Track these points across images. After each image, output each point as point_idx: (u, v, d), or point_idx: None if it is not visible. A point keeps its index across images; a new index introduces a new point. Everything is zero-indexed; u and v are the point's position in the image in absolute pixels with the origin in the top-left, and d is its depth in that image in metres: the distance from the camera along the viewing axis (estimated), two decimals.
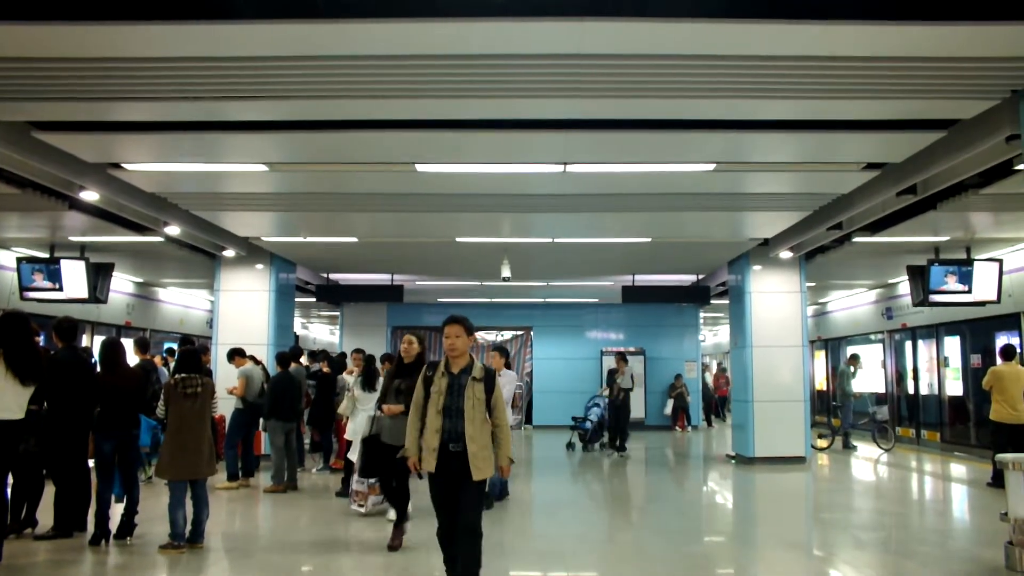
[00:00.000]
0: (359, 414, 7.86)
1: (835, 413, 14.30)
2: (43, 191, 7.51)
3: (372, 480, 6.97)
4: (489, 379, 4.29)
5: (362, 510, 7.14)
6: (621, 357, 13.20)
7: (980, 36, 4.11)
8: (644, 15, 3.96)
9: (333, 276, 14.62)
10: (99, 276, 10.58)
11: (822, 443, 13.22)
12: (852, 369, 13.95)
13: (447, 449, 4.17)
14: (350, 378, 9.01)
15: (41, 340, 6.61)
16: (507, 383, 7.29)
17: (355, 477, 7.30)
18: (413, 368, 5.55)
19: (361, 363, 8.75)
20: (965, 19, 3.97)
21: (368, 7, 3.93)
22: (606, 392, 13.59)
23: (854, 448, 13.27)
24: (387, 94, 4.93)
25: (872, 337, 15.87)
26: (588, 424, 13.35)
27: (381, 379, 8.97)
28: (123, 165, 6.74)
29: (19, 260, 10.27)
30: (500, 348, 8.05)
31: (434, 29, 4.09)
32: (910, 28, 4.05)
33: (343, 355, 12.05)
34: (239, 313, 11.47)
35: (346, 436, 8.36)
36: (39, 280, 10.18)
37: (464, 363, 4.31)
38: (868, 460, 12.30)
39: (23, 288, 10.16)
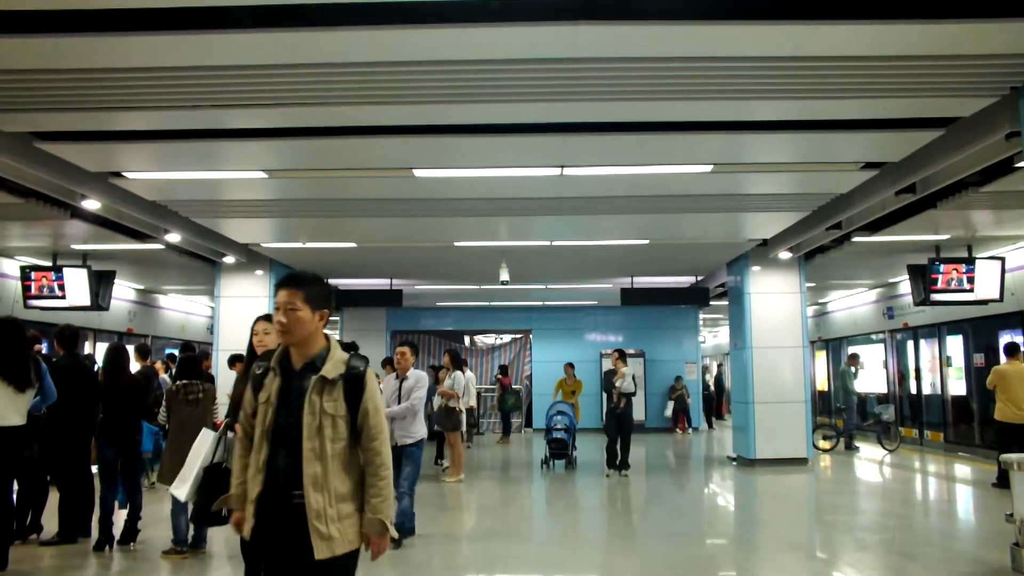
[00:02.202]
0: None
1: (839, 414, 14.26)
2: (45, 200, 7.54)
3: None
4: (352, 381, 2.55)
5: None
6: (620, 356, 10.72)
7: (978, 33, 4.12)
8: (638, 18, 3.97)
9: (332, 281, 14.61)
10: (101, 283, 10.61)
11: (825, 444, 13.19)
12: (853, 369, 13.92)
13: (285, 501, 2.46)
14: None
15: (44, 348, 6.63)
16: (418, 387, 6.38)
17: None
18: None
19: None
20: (962, 17, 3.98)
21: (364, 14, 3.95)
22: (560, 397, 12.21)
23: (857, 449, 13.24)
24: (384, 100, 4.94)
25: (873, 337, 15.85)
26: (563, 435, 11.05)
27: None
28: (124, 174, 6.77)
29: (23, 268, 10.29)
30: (409, 343, 6.71)
31: (429, 35, 4.10)
32: (906, 26, 4.05)
33: None
34: (240, 319, 11.44)
35: None
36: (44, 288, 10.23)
37: (311, 352, 2.59)
38: (871, 461, 12.28)
39: (27, 296, 10.19)
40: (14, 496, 5.75)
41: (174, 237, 9.19)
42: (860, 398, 13.93)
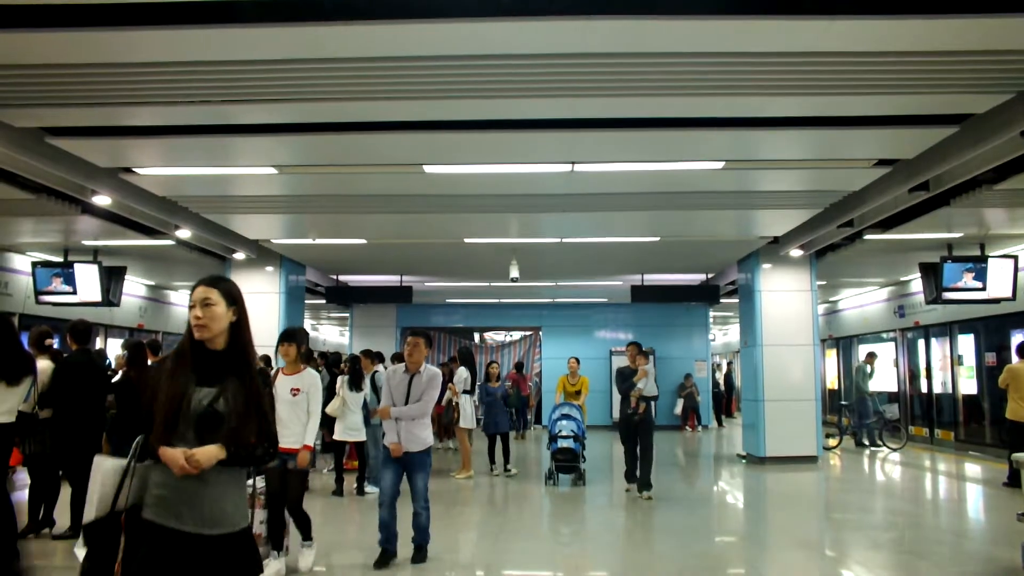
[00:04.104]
0: (348, 415, 8.27)
1: (843, 412, 14.19)
2: (57, 196, 7.59)
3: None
4: None
5: None
6: (638, 349, 8.63)
7: (993, 29, 4.07)
8: (649, 13, 3.95)
9: (342, 278, 14.67)
10: (112, 279, 10.67)
11: (831, 442, 13.15)
12: (869, 368, 13.84)
13: None
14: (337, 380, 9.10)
15: (55, 343, 6.68)
16: (431, 386, 5.51)
17: None
18: (228, 361, 2.68)
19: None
20: (977, 12, 3.94)
21: (374, 9, 3.95)
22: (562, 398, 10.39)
23: (869, 446, 13.18)
24: (394, 96, 4.94)
25: (884, 335, 15.77)
26: (571, 443, 9.14)
27: (367, 379, 8.62)
28: (134, 169, 6.80)
29: (34, 264, 10.36)
30: (423, 334, 5.77)
31: (440, 30, 4.09)
32: (920, 22, 4.01)
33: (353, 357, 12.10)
34: (249, 315, 11.49)
35: (335, 436, 8.65)
36: (55, 284, 10.31)
37: None
38: (881, 459, 12.22)
39: (38, 292, 10.27)
40: (27, 490, 5.79)
41: (184, 233, 9.23)
42: (871, 396, 13.83)
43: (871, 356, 14.13)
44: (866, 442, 13.36)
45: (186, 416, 2.51)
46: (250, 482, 5.23)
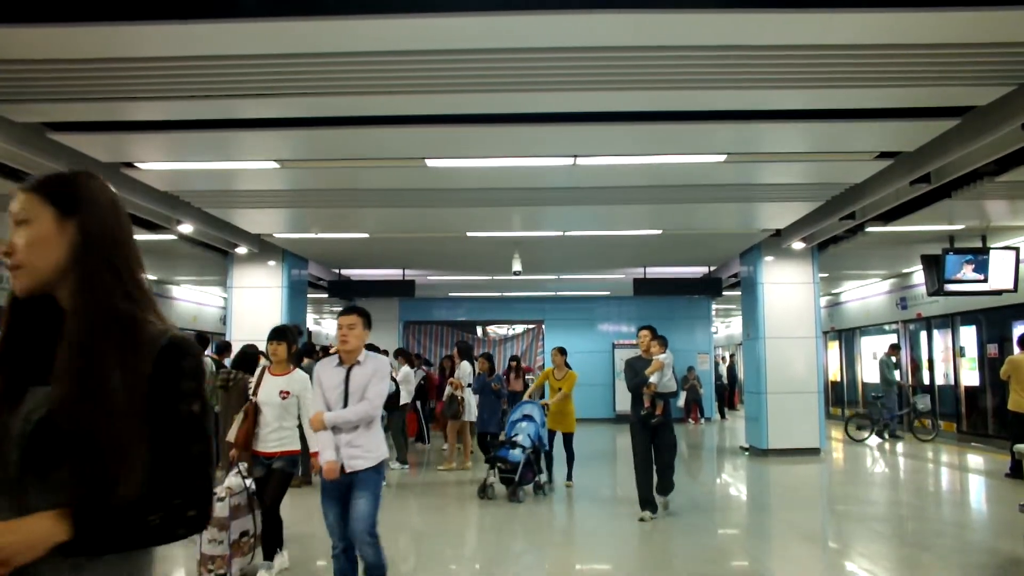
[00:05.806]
0: None
1: (875, 404, 14.18)
2: None
3: (236, 535, 4.90)
4: None
5: None
6: (653, 335, 6.94)
7: (994, 21, 4.06)
8: (651, 6, 3.95)
9: (345, 272, 14.68)
10: None
11: (860, 434, 13.16)
12: (893, 359, 13.83)
13: None
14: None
15: None
16: (376, 377, 4.11)
17: (205, 536, 4.78)
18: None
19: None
20: (979, 4, 3.93)
21: (376, 3, 3.95)
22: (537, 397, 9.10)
23: (900, 438, 13.20)
24: (397, 90, 4.94)
25: (886, 327, 15.76)
26: (515, 453, 7.77)
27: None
28: (136, 164, 6.81)
29: None
30: (359, 311, 4.41)
31: (441, 24, 4.09)
32: (922, 14, 4.00)
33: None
34: (252, 310, 11.55)
35: None
36: None
37: None
38: (883, 451, 12.24)
39: None
40: None
41: (186, 228, 9.24)
42: (900, 386, 13.86)
43: (894, 348, 14.08)
44: (899, 434, 13.37)
45: (5, 446, 1.30)
46: (248, 482, 5.10)
